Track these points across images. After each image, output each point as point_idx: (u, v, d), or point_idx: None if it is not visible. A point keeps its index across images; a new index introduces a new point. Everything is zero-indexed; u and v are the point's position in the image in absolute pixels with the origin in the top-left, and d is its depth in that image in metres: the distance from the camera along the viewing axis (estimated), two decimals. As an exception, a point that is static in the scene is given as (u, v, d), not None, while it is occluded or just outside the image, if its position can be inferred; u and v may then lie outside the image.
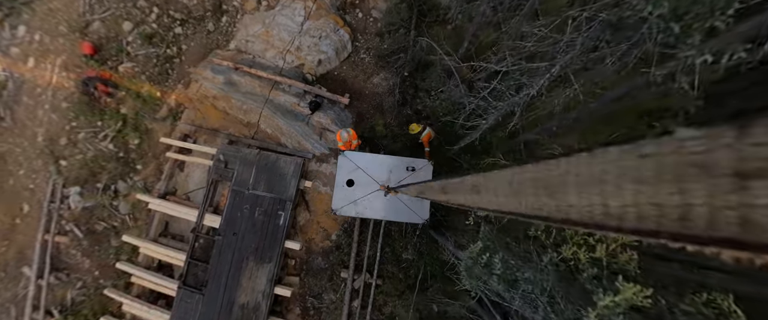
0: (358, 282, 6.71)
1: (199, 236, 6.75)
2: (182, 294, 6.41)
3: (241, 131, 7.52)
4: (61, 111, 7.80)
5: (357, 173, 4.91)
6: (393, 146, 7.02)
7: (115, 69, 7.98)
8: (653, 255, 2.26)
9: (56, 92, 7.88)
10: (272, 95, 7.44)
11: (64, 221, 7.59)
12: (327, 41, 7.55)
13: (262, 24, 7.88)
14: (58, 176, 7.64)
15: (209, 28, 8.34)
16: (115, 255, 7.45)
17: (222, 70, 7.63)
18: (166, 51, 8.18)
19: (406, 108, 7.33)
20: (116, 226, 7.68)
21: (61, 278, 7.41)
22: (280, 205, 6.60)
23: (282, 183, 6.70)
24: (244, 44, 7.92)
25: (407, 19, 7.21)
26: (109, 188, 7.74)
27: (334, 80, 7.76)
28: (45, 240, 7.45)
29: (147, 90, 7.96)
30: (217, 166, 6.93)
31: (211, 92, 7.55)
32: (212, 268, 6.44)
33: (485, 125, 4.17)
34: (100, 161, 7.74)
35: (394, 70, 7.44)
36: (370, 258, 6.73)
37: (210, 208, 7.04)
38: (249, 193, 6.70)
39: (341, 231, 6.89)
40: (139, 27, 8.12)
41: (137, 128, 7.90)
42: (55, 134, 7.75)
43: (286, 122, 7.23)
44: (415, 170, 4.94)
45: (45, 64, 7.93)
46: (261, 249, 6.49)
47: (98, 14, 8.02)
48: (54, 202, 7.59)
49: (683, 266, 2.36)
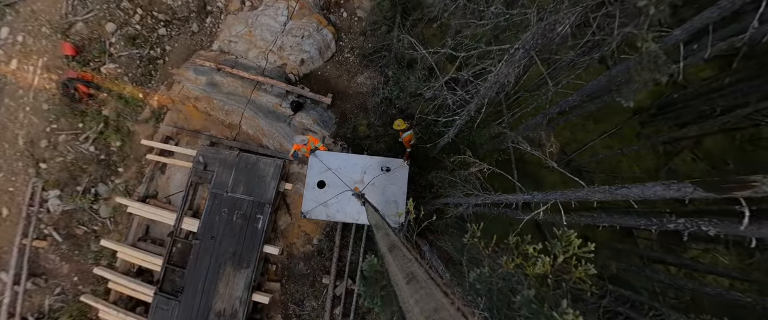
0: (340, 289, 6.47)
1: (177, 241, 6.57)
2: (158, 300, 6.21)
3: (223, 132, 7.37)
4: (42, 113, 7.70)
5: (329, 173, 4.70)
6: (376, 146, 6.82)
7: (98, 70, 7.89)
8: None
9: (38, 93, 7.79)
10: (254, 96, 7.29)
11: (43, 225, 7.44)
12: (310, 41, 7.41)
13: (245, 24, 7.77)
14: (38, 179, 7.52)
15: (193, 29, 8.24)
16: (94, 259, 7.27)
17: (204, 71, 7.51)
18: (149, 52, 8.09)
19: (390, 107, 7.13)
20: (96, 230, 7.52)
21: (38, 283, 7.24)
22: (259, 208, 6.41)
23: (261, 186, 6.52)
24: (227, 45, 7.80)
25: (391, 17, 7.05)
26: (89, 192, 7.59)
27: (318, 79, 7.61)
28: (23, 245, 7.29)
29: (129, 92, 7.84)
30: (197, 168, 6.76)
31: (193, 93, 7.42)
32: (189, 273, 6.24)
33: (459, 120, 3.96)
34: (81, 163, 7.61)
35: (378, 69, 7.27)
36: (352, 263, 6.50)
37: (189, 211, 6.87)
38: (227, 196, 6.51)
39: (323, 236, 6.68)
40: (123, 28, 8.04)
41: (119, 129, 7.78)
42: (36, 136, 7.64)
43: (268, 122, 7.07)
44: (389, 170, 4.72)
45: (27, 66, 7.85)
46: (239, 253, 6.29)
47: (81, 15, 7.95)
48: (33, 205, 7.45)
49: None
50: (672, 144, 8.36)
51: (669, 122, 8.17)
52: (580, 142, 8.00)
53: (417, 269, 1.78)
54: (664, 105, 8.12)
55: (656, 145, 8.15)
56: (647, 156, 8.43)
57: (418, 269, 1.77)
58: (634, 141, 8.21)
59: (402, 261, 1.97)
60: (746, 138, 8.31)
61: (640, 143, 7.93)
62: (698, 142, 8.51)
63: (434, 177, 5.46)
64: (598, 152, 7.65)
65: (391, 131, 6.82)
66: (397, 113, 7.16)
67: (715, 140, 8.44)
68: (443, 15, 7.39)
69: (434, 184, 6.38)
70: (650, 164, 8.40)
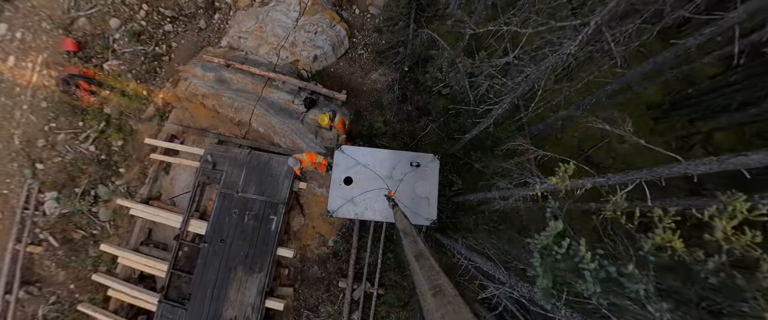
0: (358, 292, 6.14)
1: (183, 244, 6.20)
2: (163, 308, 5.81)
3: (232, 130, 7.08)
4: (40, 111, 7.34)
5: (356, 169, 4.44)
6: (393, 144, 6.60)
7: (100, 67, 7.58)
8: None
9: (36, 91, 7.44)
10: (265, 93, 7.04)
11: (39, 230, 7.00)
12: (323, 37, 7.22)
13: (256, 20, 7.57)
14: (34, 181, 7.11)
15: (201, 25, 8.02)
16: (93, 265, 6.84)
17: (212, 67, 7.26)
18: (154, 49, 7.82)
19: (407, 104, 6.94)
20: (95, 234, 7.11)
21: (31, 292, 6.76)
22: (272, 209, 6.10)
23: (274, 185, 6.22)
24: (237, 41, 7.58)
25: (406, 13, 6.93)
26: (88, 193, 7.20)
27: (331, 76, 7.41)
28: (16, 250, 6.84)
29: (133, 89, 7.54)
30: (205, 167, 6.45)
31: (200, 90, 7.15)
32: (196, 279, 5.86)
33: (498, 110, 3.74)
34: (80, 164, 7.23)
35: (393, 66, 7.10)
36: (371, 265, 6.19)
37: (196, 213, 6.52)
38: (238, 196, 6.20)
39: (339, 237, 6.37)
40: (127, 24, 7.78)
41: (121, 128, 7.44)
42: (33, 136, 7.26)
43: (280, 120, 6.81)
44: (420, 166, 4.48)
45: (26, 63, 7.52)
46: (251, 257, 5.94)
47: (84, 11, 7.68)
48: (28, 208, 7.02)
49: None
50: (684, 139, 8.32)
51: (682, 118, 8.15)
52: (595, 138, 7.90)
53: (445, 283, 1.76)
54: (678, 101, 8.11)
55: (669, 140, 8.10)
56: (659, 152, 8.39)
57: (447, 283, 1.76)
58: (648, 137, 8.14)
59: (429, 272, 1.96)
60: (755, 132, 8.34)
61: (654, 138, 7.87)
62: (709, 136, 8.50)
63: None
64: (615, 148, 7.55)
65: (408, 128, 6.61)
66: (412, 109, 6.97)
67: (726, 135, 8.44)
68: (457, 12, 7.30)
69: (454, 182, 6.15)
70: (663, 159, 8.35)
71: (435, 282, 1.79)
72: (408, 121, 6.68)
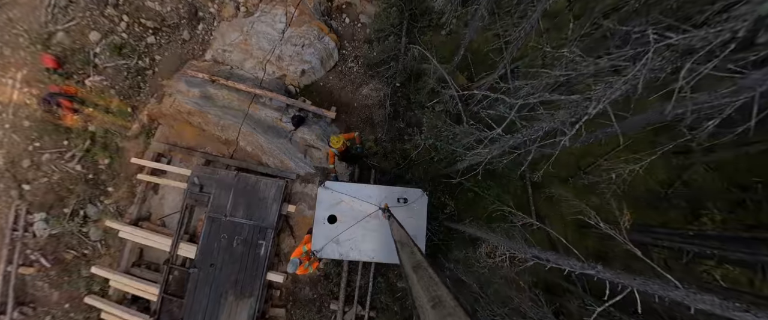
0: (349, 315, 6.13)
1: (173, 269, 6.16)
2: (155, 333, 5.83)
3: (219, 149, 6.91)
4: (24, 131, 7.17)
5: (340, 207, 4.31)
6: (384, 164, 6.42)
7: (82, 83, 7.34)
8: None
9: (18, 109, 7.25)
10: (252, 110, 6.82)
11: (29, 251, 6.97)
12: (310, 50, 6.92)
13: (241, 32, 7.25)
14: (21, 202, 7.02)
15: (184, 37, 7.70)
16: (86, 286, 6.83)
17: (197, 82, 7.01)
18: (137, 63, 7.55)
19: (399, 121, 6.72)
20: (87, 254, 7.07)
21: (26, 313, 6.80)
22: (261, 233, 6.01)
23: (263, 208, 6.11)
24: (221, 54, 7.29)
25: (398, 24, 6.60)
26: (77, 214, 7.11)
27: (320, 91, 7.15)
28: (8, 272, 6.83)
29: (117, 105, 7.33)
30: (192, 190, 6.32)
31: (185, 107, 6.92)
32: (188, 304, 5.85)
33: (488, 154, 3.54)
34: (67, 184, 7.12)
35: (385, 80, 6.83)
36: (362, 287, 6.16)
37: (185, 236, 6.45)
38: (226, 220, 6.10)
39: (330, 260, 6.30)
40: (108, 37, 7.47)
41: (107, 146, 7.28)
42: (17, 156, 7.12)
43: (267, 138, 6.63)
44: (407, 202, 4.34)
45: (5, 80, 7.28)
46: (241, 282, 5.91)
47: (62, 24, 7.36)
48: (17, 230, 6.97)
49: None
50: (684, 155, 8.11)
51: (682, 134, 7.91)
52: (594, 155, 7.68)
53: (444, 293, 1.72)
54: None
55: (669, 157, 7.88)
56: (660, 169, 8.18)
57: (446, 294, 1.71)
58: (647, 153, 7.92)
59: (428, 283, 1.92)
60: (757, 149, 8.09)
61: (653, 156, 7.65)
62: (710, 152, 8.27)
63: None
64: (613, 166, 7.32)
65: (400, 147, 6.42)
66: (405, 126, 6.76)
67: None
68: (452, 21, 6.95)
69: (447, 204, 6.01)
70: (663, 177, 8.16)
71: (434, 293, 1.76)
72: (399, 140, 6.49)
